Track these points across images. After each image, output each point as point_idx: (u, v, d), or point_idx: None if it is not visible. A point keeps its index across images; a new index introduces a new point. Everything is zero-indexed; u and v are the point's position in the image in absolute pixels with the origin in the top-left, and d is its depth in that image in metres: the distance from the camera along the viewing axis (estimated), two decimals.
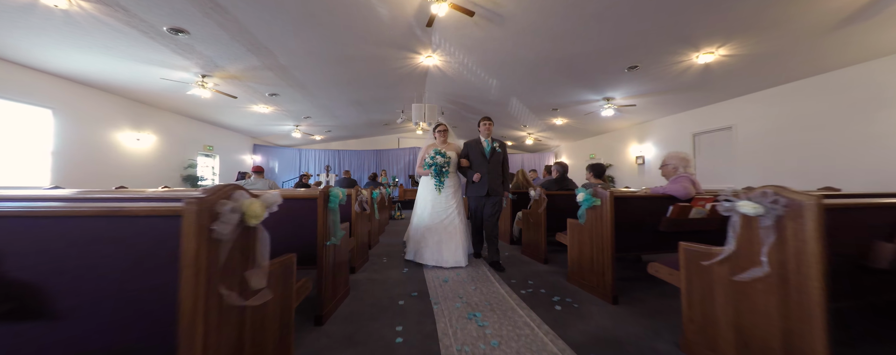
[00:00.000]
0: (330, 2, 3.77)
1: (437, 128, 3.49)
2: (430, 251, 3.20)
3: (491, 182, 3.25)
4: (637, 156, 8.69)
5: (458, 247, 3.19)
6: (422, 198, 3.47)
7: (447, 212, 3.28)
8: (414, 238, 3.39)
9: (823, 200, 1.08)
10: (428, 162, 3.31)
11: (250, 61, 5.27)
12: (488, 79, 6.68)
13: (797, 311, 1.14)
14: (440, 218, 3.26)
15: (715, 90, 6.04)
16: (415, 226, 3.44)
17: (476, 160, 3.32)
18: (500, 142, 3.39)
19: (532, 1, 3.76)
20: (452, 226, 3.25)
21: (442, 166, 3.26)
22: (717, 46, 4.44)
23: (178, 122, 7.66)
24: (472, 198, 3.39)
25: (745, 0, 3.40)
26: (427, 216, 3.31)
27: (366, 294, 2.45)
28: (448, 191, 3.34)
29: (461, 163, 3.40)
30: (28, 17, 3.58)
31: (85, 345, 0.89)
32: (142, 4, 3.58)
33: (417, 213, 3.46)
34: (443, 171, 3.28)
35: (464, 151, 3.45)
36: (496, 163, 3.33)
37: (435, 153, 3.28)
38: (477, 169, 3.30)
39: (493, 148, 3.32)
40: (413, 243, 3.37)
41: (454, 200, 3.34)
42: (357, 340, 1.74)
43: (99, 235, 0.90)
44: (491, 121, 3.37)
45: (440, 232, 3.23)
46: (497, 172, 3.33)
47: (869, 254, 1.29)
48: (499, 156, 3.34)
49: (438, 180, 3.30)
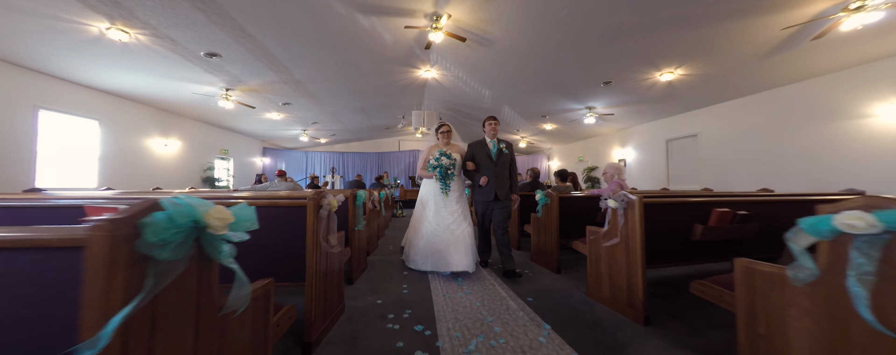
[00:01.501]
0: (341, 29, 4.48)
1: (440, 129, 3.22)
2: (436, 258, 2.95)
3: (498, 186, 3.02)
4: (620, 158, 9.42)
5: (466, 253, 2.94)
6: (425, 203, 3.25)
7: (454, 217, 3.07)
8: (417, 244, 3.11)
9: (644, 198, 1.90)
10: (432, 163, 3.11)
11: (269, 77, 5.99)
12: (482, 89, 7.40)
13: (632, 263, 1.99)
14: (447, 223, 3.04)
15: (682, 102, 6.78)
16: (418, 232, 3.17)
17: (482, 162, 3.08)
18: (507, 142, 3.17)
19: (513, 29, 4.47)
20: (460, 230, 3.02)
21: (448, 168, 3.07)
22: (675, 67, 5.17)
23: (199, 129, 8.37)
24: (478, 204, 3.16)
25: (689, 33, 4.13)
26: (432, 221, 3.08)
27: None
28: (453, 194, 3.14)
29: (466, 166, 3.17)
30: (92, 47, 4.30)
31: None
32: (187, 35, 4.29)
33: (420, 218, 3.22)
34: (448, 174, 3.09)
35: (468, 153, 3.21)
36: (503, 165, 3.08)
37: (440, 154, 3.09)
38: (483, 172, 3.06)
39: (499, 149, 3.08)
40: (416, 250, 3.10)
41: (459, 205, 3.14)
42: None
43: (271, 215, 1.60)
44: (496, 121, 3.13)
45: (447, 238, 2.99)
46: (505, 175, 3.08)
47: (689, 230, 2.06)
48: (506, 157, 3.10)
49: (444, 183, 3.10)
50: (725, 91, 6.01)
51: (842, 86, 4.67)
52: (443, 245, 2.97)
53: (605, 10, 3.78)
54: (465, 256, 2.93)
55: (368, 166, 13.24)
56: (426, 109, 9.35)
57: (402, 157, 13.44)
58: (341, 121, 10.22)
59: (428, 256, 2.99)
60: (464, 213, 3.15)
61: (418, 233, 3.15)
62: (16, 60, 4.54)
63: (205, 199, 0.75)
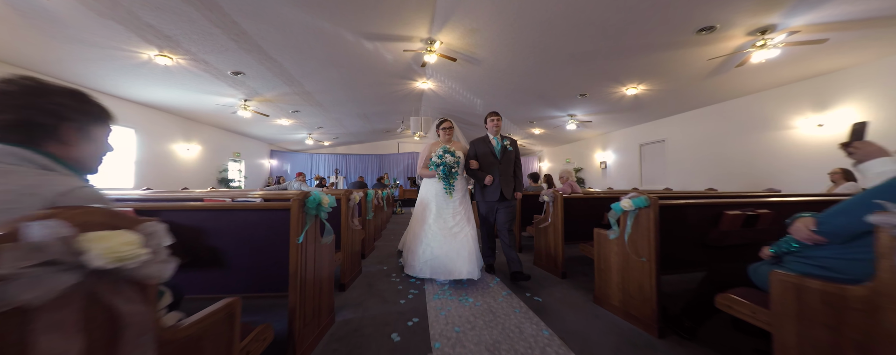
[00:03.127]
0: (348, 51, 5.26)
1: (442, 125, 3.02)
2: (437, 264, 2.74)
3: (504, 185, 2.86)
4: (601, 161, 10.24)
5: (469, 259, 2.73)
6: (425, 204, 3.03)
7: (456, 220, 2.89)
8: (416, 249, 2.89)
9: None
10: (435, 161, 2.90)
11: (283, 89, 6.78)
12: (473, 98, 8.20)
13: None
14: (448, 225, 2.86)
15: (650, 111, 7.60)
16: (417, 236, 2.96)
17: (485, 161, 2.93)
18: (511, 139, 3.00)
19: (496, 52, 5.27)
20: (463, 234, 2.83)
21: (451, 166, 2.87)
22: (637, 84, 5.99)
23: (215, 134, 9.16)
24: (482, 204, 2.99)
25: (641, 59, 4.94)
26: (433, 224, 2.88)
27: None
28: (458, 194, 2.95)
29: (470, 165, 2.98)
30: (139, 69, 5.08)
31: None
32: (218, 58, 5.08)
33: (419, 221, 3.02)
34: (452, 173, 2.89)
35: (471, 151, 3.03)
36: (509, 163, 2.93)
37: (443, 151, 2.89)
38: (487, 170, 2.90)
39: (503, 146, 2.92)
40: (415, 256, 2.87)
41: (463, 206, 2.96)
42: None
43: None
44: (499, 117, 2.96)
45: (449, 242, 2.78)
46: (510, 174, 2.93)
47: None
48: (511, 154, 2.94)
49: (448, 183, 2.90)
50: (683, 103, 6.84)
51: (771, 102, 5.52)
52: (444, 250, 2.75)
53: (571, 40, 4.59)
54: (469, 262, 2.71)
55: (369, 167, 14.03)
56: (423, 115, 10.15)
57: (401, 159, 14.23)
58: (344, 126, 11.01)
59: (428, 262, 2.77)
60: (467, 215, 2.96)
61: (417, 237, 2.93)
62: (75, 80, 5.32)
63: None
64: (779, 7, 3.45)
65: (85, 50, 4.41)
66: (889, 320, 0.91)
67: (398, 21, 4.35)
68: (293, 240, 1.48)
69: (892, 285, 0.91)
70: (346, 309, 2.23)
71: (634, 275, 1.88)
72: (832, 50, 4.24)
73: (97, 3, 3.47)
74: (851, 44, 4.08)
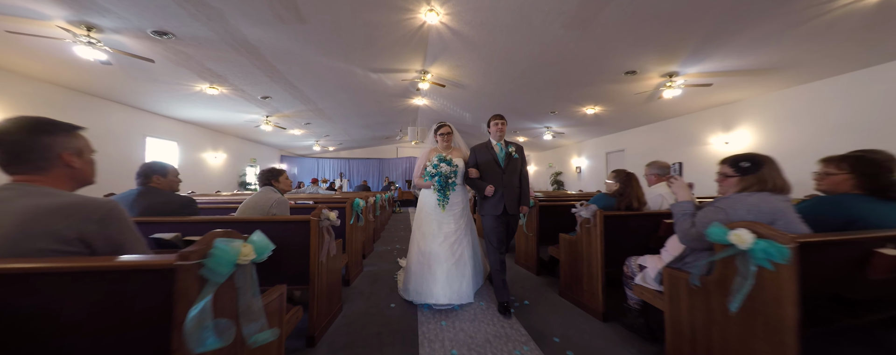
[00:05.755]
0: (356, 80, 6.51)
1: (440, 130, 2.75)
2: (433, 286, 2.51)
3: (508, 197, 2.56)
4: (577, 166, 11.56)
5: (464, 280, 2.55)
6: (421, 218, 2.77)
7: (456, 235, 2.65)
8: (410, 268, 2.69)
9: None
10: (429, 171, 2.66)
11: (300, 107, 8.03)
12: (463, 113, 9.49)
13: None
14: (449, 241, 2.61)
15: (611, 125, 8.92)
16: (410, 252, 2.77)
17: (488, 169, 2.63)
18: (517, 145, 2.72)
19: (478, 80, 6.53)
20: (460, 251, 2.62)
21: (448, 176, 2.63)
22: (593, 105, 7.29)
23: (236, 143, 10.42)
24: (484, 218, 2.65)
25: (590, 89, 6.24)
26: (430, 240, 2.63)
27: None
28: (456, 208, 2.70)
29: (469, 174, 2.67)
30: (190, 97, 6.34)
31: None
32: (253, 87, 6.33)
33: (416, 236, 2.76)
34: (449, 183, 2.64)
35: (471, 158, 2.73)
36: (513, 172, 2.63)
37: (439, 160, 2.65)
38: (489, 180, 2.60)
39: (508, 153, 2.64)
40: (410, 274, 2.67)
41: (462, 221, 2.71)
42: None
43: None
44: (504, 120, 2.70)
45: (446, 260, 2.56)
46: (514, 184, 2.61)
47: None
48: (516, 163, 2.65)
49: (443, 194, 2.65)
50: (634, 120, 8.17)
51: (695, 122, 6.86)
52: (433, 271, 2.53)
53: (536, 75, 5.86)
54: (468, 283, 2.56)
55: (371, 170, 15.29)
56: (420, 126, 11.43)
57: (399, 163, 15.49)
58: (349, 134, 12.27)
59: (421, 283, 2.56)
60: (466, 231, 2.72)
61: (410, 253, 2.76)
62: (137, 105, 6.58)
63: None
64: (675, 60, 4.75)
65: (155, 85, 5.68)
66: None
67: (397, 59, 5.61)
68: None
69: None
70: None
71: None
72: (724, 88, 5.58)
73: (175, 56, 4.72)
74: (734, 85, 5.42)
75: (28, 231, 0.81)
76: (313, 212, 2.05)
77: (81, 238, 0.86)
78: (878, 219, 1.39)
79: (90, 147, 1.03)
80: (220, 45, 4.40)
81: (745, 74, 4.98)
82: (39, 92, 5.04)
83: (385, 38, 4.64)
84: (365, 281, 3.28)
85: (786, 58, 4.36)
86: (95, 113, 5.98)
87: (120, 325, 0.80)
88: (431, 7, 3.91)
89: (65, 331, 0.77)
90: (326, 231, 2.11)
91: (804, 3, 3.16)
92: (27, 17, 3.46)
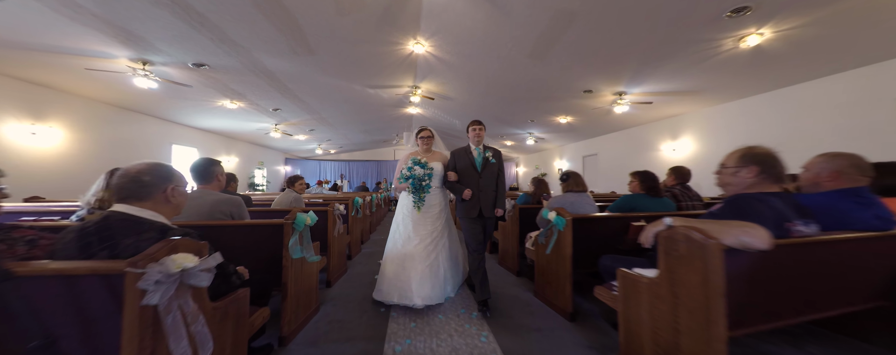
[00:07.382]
0: (356, 95, 7.47)
1: (420, 134, 2.88)
2: (408, 286, 2.54)
3: (484, 200, 2.66)
4: (559, 168, 12.56)
5: (437, 281, 2.62)
6: (399, 220, 2.84)
7: (432, 237, 2.72)
8: (384, 270, 2.74)
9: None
10: (404, 174, 2.76)
11: (305, 116, 9.01)
12: (452, 120, 10.47)
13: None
14: (424, 243, 2.68)
15: (585, 132, 9.92)
16: (387, 255, 2.81)
17: (465, 173, 2.73)
18: (494, 150, 2.80)
19: (463, 94, 7.50)
20: (435, 253, 2.69)
21: (421, 179, 2.71)
22: (565, 116, 8.29)
23: (246, 147, 11.38)
24: (463, 221, 2.74)
25: (560, 103, 7.22)
26: (405, 241, 2.71)
27: None
28: (433, 210, 2.78)
29: (447, 177, 2.76)
30: (212, 110, 7.32)
31: None
32: (267, 102, 7.31)
33: (392, 238, 2.83)
34: (423, 186, 2.73)
35: (450, 162, 2.82)
36: (490, 176, 2.72)
37: (413, 163, 2.73)
38: (466, 183, 2.70)
39: (485, 158, 2.73)
40: (383, 277, 2.71)
41: (438, 223, 2.79)
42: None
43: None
44: (482, 126, 2.77)
45: (421, 261, 2.62)
46: (491, 188, 2.70)
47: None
48: (493, 167, 2.75)
49: (418, 197, 2.74)
50: (602, 128, 9.19)
51: (650, 131, 7.87)
52: (407, 272, 2.59)
53: (511, 94, 6.85)
54: (445, 284, 2.67)
55: (369, 172, 16.26)
56: (414, 131, 12.40)
57: (396, 165, 16.41)
58: (349, 138, 13.25)
59: (394, 284, 2.60)
60: (444, 233, 2.80)
61: (386, 254, 2.81)
62: (165, 117, 7.56)
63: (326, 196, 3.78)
64: (620, 83, 5.75)
65: (185, 102, 6.66)
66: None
67: (391, 78, 6.59)
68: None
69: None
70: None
71: None
72: (666, 104, 6.61)
73: (207, 80, 5.70)
74: (674, 102, 6.44)
75: (213, 210, 1.84)
76: (330, 205, 3.04)
77: (231, 214, 1.88)
78: (646, 207, 2.64)
79: None
80: (244, 71, 5.38)
81: (677, 94, 6.00)
82: (91, 109, 6.02)
83: (380, 63, 5.62)
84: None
85: (700, 83, 5.38)
86: (133, 125, 6.96)
87: (262, 250, 2.00)
88: (418, 41, 4.91)
89: (238, 253, 1.81)
90: (338, 217, 3.11)
91: (694, 48, 4.18)
92: (100, 57, 4.43)
